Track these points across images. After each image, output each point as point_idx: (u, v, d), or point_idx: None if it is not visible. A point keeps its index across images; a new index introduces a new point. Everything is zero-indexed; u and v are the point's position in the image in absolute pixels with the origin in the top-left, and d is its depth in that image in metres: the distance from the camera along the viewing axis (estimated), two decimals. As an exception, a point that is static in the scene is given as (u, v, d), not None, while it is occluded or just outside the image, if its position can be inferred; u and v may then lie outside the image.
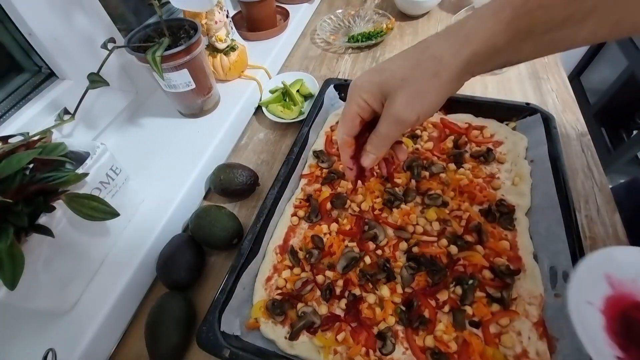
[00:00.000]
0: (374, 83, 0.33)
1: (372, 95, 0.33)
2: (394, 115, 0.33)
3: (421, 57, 0.31)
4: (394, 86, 0.32)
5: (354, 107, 0.34)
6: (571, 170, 0.57)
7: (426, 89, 0.31)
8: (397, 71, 0.32)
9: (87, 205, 0.38)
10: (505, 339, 0.39)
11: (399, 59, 0.33)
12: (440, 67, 0.31)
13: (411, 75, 0.31)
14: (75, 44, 0.55)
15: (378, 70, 0.33)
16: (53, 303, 0.41)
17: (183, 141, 0.62)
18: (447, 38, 0.31)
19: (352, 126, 0.36)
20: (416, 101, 0.32)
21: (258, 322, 0.43)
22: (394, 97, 0.32)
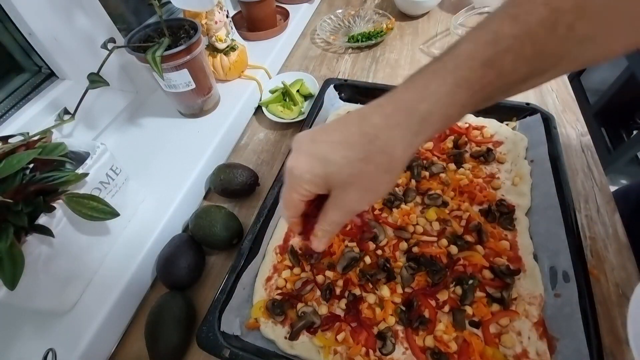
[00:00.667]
0: (316, 175, 0.29)
1: (315, 186, 0.30)
2: (347, 208, 0.31)
3: (370, 150, 0.27)
4: (341, 182, 0.29)
5: (295, 195, 0.31)
6: (571, 170, 0.57)
7: (378, 184, 0.29)
8: (343, 166, 0.28)
9: (87, 205, 0.38)
10: (505, 339, 0.39)
11: (342, 148, 0.28)
12: (392, 164, 0.28)
13: (360, 173, 0.28)
14: (75, 44, 0.55)
15: (319, 160, 0.29)
16: (53, 303, 0.41)
17: (183, 141, 0.62)
18: (398, 126, 0.27)
19: (296, 210, 0.33)
20: (369, 195, 0.30)
21: (258, 322, 0.43)
22: (345, 191, 0.29)
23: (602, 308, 0.43)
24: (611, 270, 0.47)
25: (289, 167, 0.31)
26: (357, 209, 0.31)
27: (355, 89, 0.69)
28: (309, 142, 0.30)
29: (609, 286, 0.45)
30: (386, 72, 0.81)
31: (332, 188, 0.30)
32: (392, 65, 0.83)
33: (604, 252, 0.48)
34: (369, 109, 0.28)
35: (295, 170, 0.30)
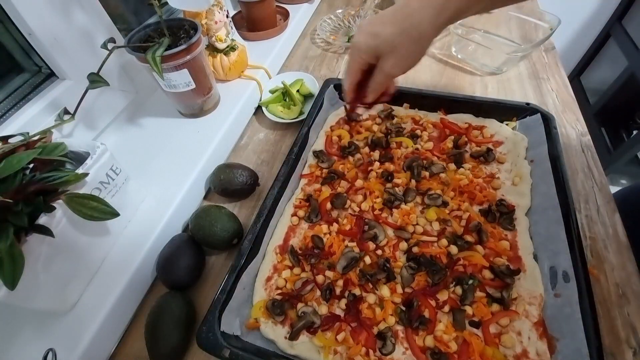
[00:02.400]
0: (370, 46, 0.42)
1: (368, 55, 0.43)
2: (386, 71, 0.44)
3: (406, 26, 0.39)
4: (385, 51, 0.42)
5: (355, 64, 0.46)
6: (571, 170, 0.57)
7: (410, 52, 0.42)
8: (387, 39, 0.41)
9: (87, 205, 0.38)
10: (505, 339, 0.39)
11: (388, 25, 0.40)
12: (421, 37, 0.40)
13: (399, 42, 0.40)
14: (75, 44, 0.55)
15: (373, 35, 0.42)
16: (53, 303, 0.41)
17: (183, 141, 0.62)
18: (428, 7, 0.38)
19: (356, 76, 0.47)
20: (402, 62, 0.43)
21: (258, 322, 0.43)
22: (386, 59, 0.42)
23: (602, 308, 0.43)
24: (611, 270, 0.47)
25: (353, 42, 0.45)
26: (393, 73, 0.44)
27: (355, 89, 0.69)
28: (368, 24, 0.43)
29: (609, 286, 0.45)
30: (386, 72, 0.81)
31: (379, 57, 0.43)
32: (392, 65, 0.83)
33: (604, 252, 0.48)
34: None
35: (357, 44, 0.44)
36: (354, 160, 0.59)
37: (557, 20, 0.75)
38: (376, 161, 0.58)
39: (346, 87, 0.50)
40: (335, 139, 0.63)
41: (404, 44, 0.40)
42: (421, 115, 0.65)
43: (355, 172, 0.57)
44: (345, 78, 0.49)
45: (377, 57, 0.43)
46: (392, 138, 0.61)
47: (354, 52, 0.45)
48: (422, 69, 0.81)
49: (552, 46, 0.83)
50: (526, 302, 0.42)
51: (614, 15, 1.61)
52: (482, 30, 0.87)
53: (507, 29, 0.89)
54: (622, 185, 1.59)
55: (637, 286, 0.45)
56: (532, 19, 0.85)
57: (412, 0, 0.39)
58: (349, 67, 0.47)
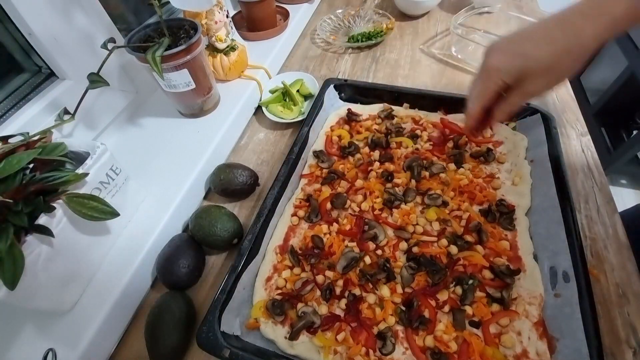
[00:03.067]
0: (515, 67, 0.37)
1: (512, 77, 0.38)
2: (530, 94, 0.39)
3: (572, 44, 0.35)
4: (536, 72, 0.37)
5: (493, 86, 0.40)
6: (571, 170, 0.57)
7: (567, 71, 0.36)
8: (544, 59, 0.35)
9: (87, 205, 0.38)
10: (505, 339, 0.39)
11: (544, 44, 0.35)
12: (585, 54, 0.35)
13: (557, 65, 0.36)
14: (75, 44, 0.55)
15: (520, 55, 0.37)
16: (53, 303, 0.41)
17: (183, 141, 0.62)
18: (593, 24, 0.34)
19: (488, 100, 0.42)
20: (554, 82, 0.38)
21: (258, 322, 0.43)
22: (533, 80, 0.37)
23: (602, 308, 0.43)
24: (611, 270, 0.47)
25: (493, 65, 0.39)
26: (538, 95, 0.39)
27: (355, 89, 0.69)
28: (511, 44, 0.38)
29: (609, 286, 0.45)
30: (386, 72, 0.81)
31: (523, 78, 0.38)
32: (392, 65, 0.83)
33: (604, 252, 0.48)
34: (568, 13, 0.35)
35: (497, 62, 0.39)
36: (354, 160, 0.59)
37: (557, 20, 0.75)
38: (376, 161, 0.58)
39: (473, 111, 0.44)
40: (335, 139, 0.63)
41: (565, 63, 0.36)
42: (421, 115, 0.65)
43: (355, 172, 0.57)
44: (472, 101, 0.44)
45: (520, 79, 0.38)
46: (392, 138, 0.61)
47: (492, 74, 0.39)
48: (422, 69, 0.81)
49: (552, 46, 0.83)
50: (526, 302, 0.42)
51: (614, 15, 1.60)
52: (482, 30, 0.87)
53: (507, 29, 0.88)
54: (622, 185, 1.59)
55: (637, 286, 0.45)
56: (532, 19, 0.84)
57: (572, 14, 0.35)
58: (481, 90, 0.42)
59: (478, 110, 0.43)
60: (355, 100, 0.70)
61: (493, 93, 0.41)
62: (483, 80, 0.41)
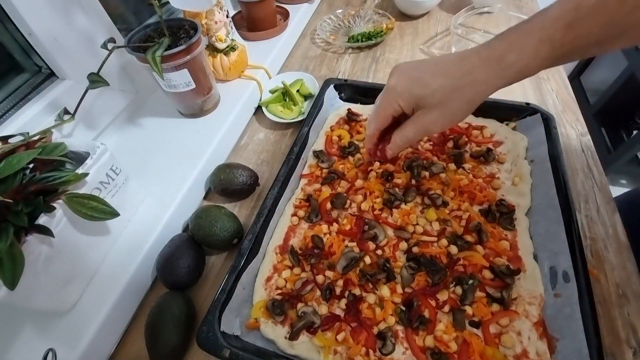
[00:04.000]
0: (412, 95, 0.38)
1: (408, 104, 0.39)
2: (423, 126, 0.39)
3: (463, 82, 0.35)
4: (430, 104, 0.37)
5: (389, 109, 0.40)
6: (571, 170, 0.57)
7: (458, 111, 0.37)
8: (437, 91, 0.36)
9: (87, 205, 0.38)
10: (505, 339, 0.39)
11: (440, 77, 0.36)
12: (476, 95, 0.36)
13: (449, 99, 0.36)
14: (75, 44, 0.55)
15: (419, 82, 0.37)
16: (53, 303, 0.41)
17: (183, 141, 0.62)
18: (488, 68, 0.34)
19: (384, 123, 0.42)
20: (447, 119, 0.38)
21: (258, 322, 0.43)
22: (427, 112, 0.38)
23: (602, 308, 0.43)
24: (611, 270, 0.47)
25: (391, 85, 0.39)
26: (432, 129, 0.39)
27: (355, 89, 0.69)
28: (412, 69, 0.38)
29: (609, 286, 0.45)
30: (386, 72, 0.81)
31: (418, 108, 0.38)
32: (392, 65, 0.82)
33: (604, 252, 0.48)
34: (468, 53, 0.36)
35: (397, 88, 0.38)
36: (354, 160, 0.59)
37: (557, 20, 0.75)
38: (376, 161, 0.58)
39: (370, 131, 0.44)
40: (335, 139, 0.63)
41: (455, 101, 0.36)
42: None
43: (355, 172, 0.57)
44: (371, 122, 0.44)
45: (416, 108, 0.38)
46: (392, 138, 0.61)
47: (390, 95, 0.39)
48: (422, 69, 0.81)
49: (552, 46, 0.83)
50: (526, 302, 0.42)
51: (614, 15, 1.60)
52: (482, 30, 0.87)
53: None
54: (622, 185, 1.59)
55: (637, 286, 0.45)
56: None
57: (472, 56, 0.35)
58: (378, 110, 0.41)
59: (374, 132, 0.43)
60: (355, 100, 0.69)
61: (389, 116, 0.41)
62: (381, 100, 0.41)
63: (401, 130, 0.41)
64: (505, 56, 0.33)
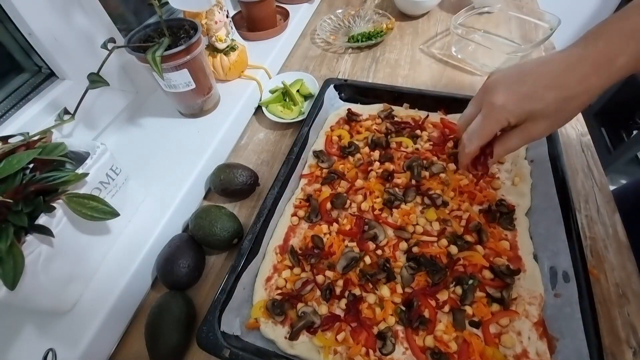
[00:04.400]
0: (524, 110, 0.36)
1: (517, 118, 0.37)
2: (531, 136, 0.38)
3: (577, 91, 0.35)
4: (542, 115, 0.36)
5: (496, 125, 0.38)
6: (571, 170, 0.57)
7: (569, 117, 0.37)
8: (552, 104, 0.35)
9: (87, 205, 0.38)
10: (505, 339, 0.39)
11: (552, 90, 0.35)
12: (589, 101, 0.35)
13: (563, 109, 0.35)
14: (75, 44, 0.55)
15: (528, 98, 0.36)
16: (53, 303, 0.41)
17: (183, 141, 0.62)
18: (600, 72, 0.34)
19: (487, 139, 0.40)
20: (555, 126, 0.38)
21: (258, 322, 0.43)
22: (537, 122, 0.37)
23: (602, 308, 0.43)
24: (611, 270, 0.47)
25: (499, 104, 0.37)
26: (538, 137, 0.38)
27: (355, 89, 0.69)
28: (518, 82, 0.37)
29: (609, 286, 0.45)
30: (386, 72, 0.81)
31: (527, 120, 0.37)
32: (392, 65, 0.83)
33: (604, 252, 0.48)
34: (575, 58, 0.35)
35: (508, 106, 0.37)
36: (354, 160, 0.59)
37: (557, 20, 0.75)
38: (376, 161, 0.58)
39: (471, 150, 0.41)
40: (335, 139, 0.63)
41: (570, 109, 0.35)
42: (421, 115, 0.65)
43: (355, 172, 0.57)
44: (471, 140, 0.41)
45: (525, 120, 0.37)
46: (392, 138, 0.61)
47: (497, 113, 0.37)
48: (422, 69, 0.81)
49: (552, 46, 0.83)
50: (526, 302, 0.42)
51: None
52: (482, 30, 0.87)
53: (507, 29, 0.89)
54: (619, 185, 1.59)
55: (637, 286, 0.45)
56: (532, 19, 0.85)
57: (582, 62, 0.35)
58: (485, 128, 0.39)
59: (477, 149, 0.41)
60: (355, 100, 0.69)
61: (495, 133, 0.39)
62: (486, 117, 0.39)
63: (505, 141, 0.40)
64: (615, 60, 0.33)
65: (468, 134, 0.41)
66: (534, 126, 0.37)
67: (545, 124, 0.37)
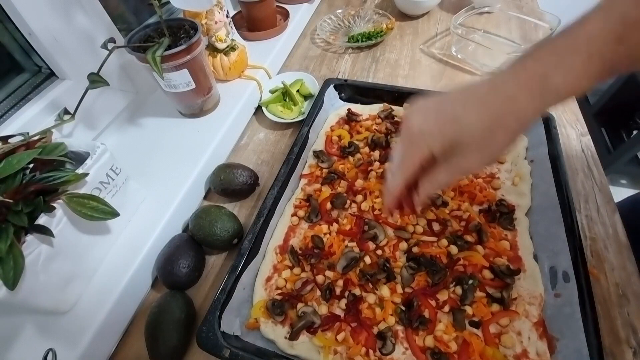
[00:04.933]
0: (445, 135, 0.31)
1: (441, 146, 0.32)
2: (461, 168, 0.33)
3: (504, 111, 0.30)
4: (469, 143, 0.31)
5: (417, 157, 0.33)
6: (571, 170, 0.57)
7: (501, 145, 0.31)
8: (474, 125, 0.30)
9: (87, 205, 0.38)
10: (505, 339, 0.39)
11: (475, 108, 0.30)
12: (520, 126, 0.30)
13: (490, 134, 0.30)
14: (75, 44, 0.55)
15: (451, 120, 0.31)
16: (53, 303, 0.41)
17: (183, 141, 0.62)
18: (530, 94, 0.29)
19: (410, 174, 0.34)
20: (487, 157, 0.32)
21: (258, 322, 0.43)
22: (464, 152, 0.31)
23: (602, 308, 0.43)
24: (611, 270, 0.47)
25: (415, 127, 0.32)
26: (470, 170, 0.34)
27: (355, 89, 0.69)
28: (437, 103, 0.32)
29: (609, 286, 0.45)
30: (386, 72, 0.81)
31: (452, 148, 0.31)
32: (392, 65, 0.83)
33: (604, 252, 0.48)
34: (501, 78, 0.31)
35: (424, 127, 0.31)
36: (354, 160, 0.59)
37: (557, 20, 0.75)
38: (376, 161, 0.58)
39: (393, 186, 0.36)
40: (335, 139, 0.63)
41: (497, 135, 0.30)
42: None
43: (355, 172, 0.57)
44: (394, 174, 0.36)
45: (449, 149, 0.32)
46: (392, 138, 0.61)
47: (416, 139, 0.32)
48: (422, 69, 0.81)
49: (552, 46, 0.83)
50: (526, 302, 0.42)
51: (614, 15, 1.60)
52: (482, 30, 0.87)
53: (507, 29, 0.89)
54: (622, 185, 1.59)
55: (637, 286, 0.45)
56: (532, 19, 0.85)
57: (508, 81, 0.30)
58: (404, 159, 0.34)
59: (400, 185, 0.36)
60: (355, 100, 0.70)
61: (417, 165, 0.33)
62: (406, 147, 0.34)
63: (432, 176, 0.34)
64: (548, 77, 0.28)
65: (390, 170, 0.37)
66: (463, 156, 0.32)
67: (475, 156, 0.31)
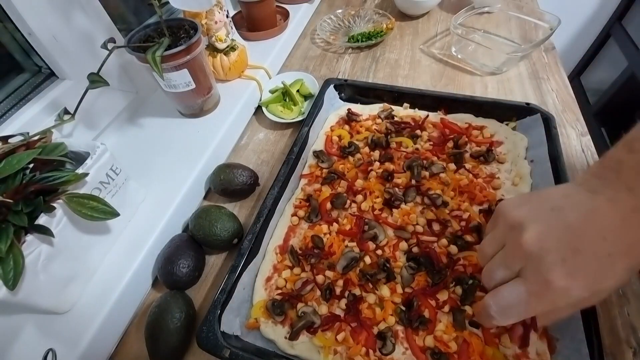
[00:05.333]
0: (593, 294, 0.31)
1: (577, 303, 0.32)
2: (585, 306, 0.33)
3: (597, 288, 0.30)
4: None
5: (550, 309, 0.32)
6: (571, 170, 0.57)
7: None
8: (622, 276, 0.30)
9: (87, 205, 0.38)
10: (505, 339, 0.39)
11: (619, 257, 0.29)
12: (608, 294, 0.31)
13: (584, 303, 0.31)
14: (75, 44, 0.55)
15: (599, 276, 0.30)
16: (53, 303, 0.41)
17: (183, 141, 0.62)
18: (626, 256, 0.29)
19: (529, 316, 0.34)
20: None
21: (258, 322, 0.43)
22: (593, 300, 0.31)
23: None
24: (611, 270, 0.46)
25: (559, 284, 0.29)
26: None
27: (355, 89, 0.69)
28: (572, 251, 0.30)
29: (609, 286, 0.45)
30: (386, 72, 0.81)
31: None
32: (392, 65, 0.83)
33: (604, 252, 0.48)
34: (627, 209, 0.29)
35: (571, 289, 0.29)
36: (354, 160, 0.59)
37: (557, 20, 0.75)
38: (376, 161, 0.58)
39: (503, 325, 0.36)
40: (335, 139, 0.63)
41: (587, 303, 0.31)
42: (421, 115, 0.65)
43: (355, 172, 0.57)
44: (508, 315, 0.34)
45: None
46: (392, 138, 0.61)
47: (559, 298, 0.31)
48: (422, 69, 0.81)
49: (552, 46, 0.83)
50: (526, 302, 0.42)
51: (614, 15, 1.61)
52: (482, 30, 0.87)
53: (507, 29, 0.89)
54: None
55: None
56: (532, 19, 0.85)
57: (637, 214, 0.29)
58: (529, 309, 0.33)
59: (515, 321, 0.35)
60: (355, 100, 0.70)
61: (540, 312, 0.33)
62: (536, 297, 0.31)
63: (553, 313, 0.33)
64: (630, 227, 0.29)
65: (500, 305, 0.33)
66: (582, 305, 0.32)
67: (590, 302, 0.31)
